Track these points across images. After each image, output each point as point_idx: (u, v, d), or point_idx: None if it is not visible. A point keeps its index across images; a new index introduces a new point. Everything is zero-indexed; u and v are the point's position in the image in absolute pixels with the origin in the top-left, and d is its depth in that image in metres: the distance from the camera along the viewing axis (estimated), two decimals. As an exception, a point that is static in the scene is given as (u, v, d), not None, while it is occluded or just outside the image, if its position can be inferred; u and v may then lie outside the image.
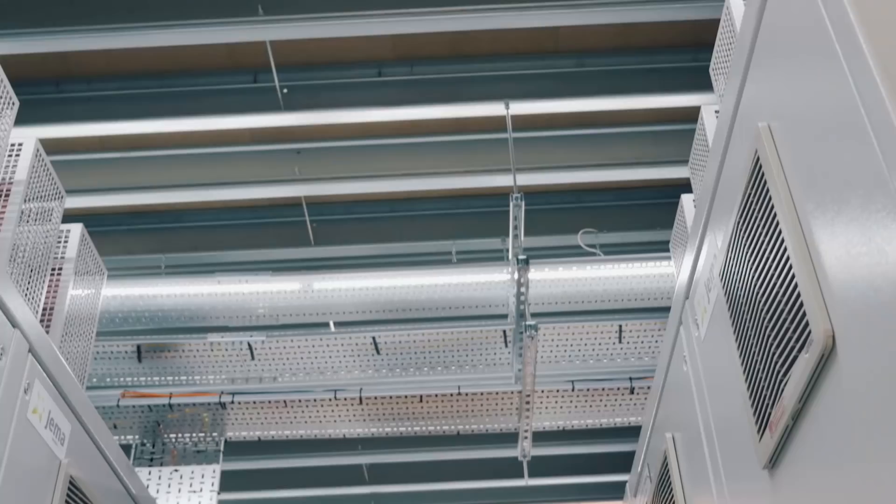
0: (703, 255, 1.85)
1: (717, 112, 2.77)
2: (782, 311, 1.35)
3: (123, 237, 5.20)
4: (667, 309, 2.55)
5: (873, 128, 1.08)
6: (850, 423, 1.17)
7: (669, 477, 2.17)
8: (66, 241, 2.87)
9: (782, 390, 1.36)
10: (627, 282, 4.76)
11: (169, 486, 4.82)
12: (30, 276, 2.50)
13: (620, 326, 4.94)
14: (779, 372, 1.37)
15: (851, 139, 1.13)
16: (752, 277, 1.47)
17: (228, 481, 5.92)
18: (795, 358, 1.30)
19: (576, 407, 5.13)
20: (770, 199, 1.39)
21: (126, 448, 5.03)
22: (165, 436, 5.02)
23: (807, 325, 1.26)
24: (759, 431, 1.48)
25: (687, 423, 2.02)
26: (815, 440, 1.29)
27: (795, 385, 1.30)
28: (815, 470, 1.30)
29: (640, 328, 4.92)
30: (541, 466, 6.24)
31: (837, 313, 1.19)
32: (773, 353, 1.39)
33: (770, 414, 1.42)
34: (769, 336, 1.41)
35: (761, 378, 1.46)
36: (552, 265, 4.77)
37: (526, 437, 5.16)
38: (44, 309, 2.66)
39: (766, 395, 1.44)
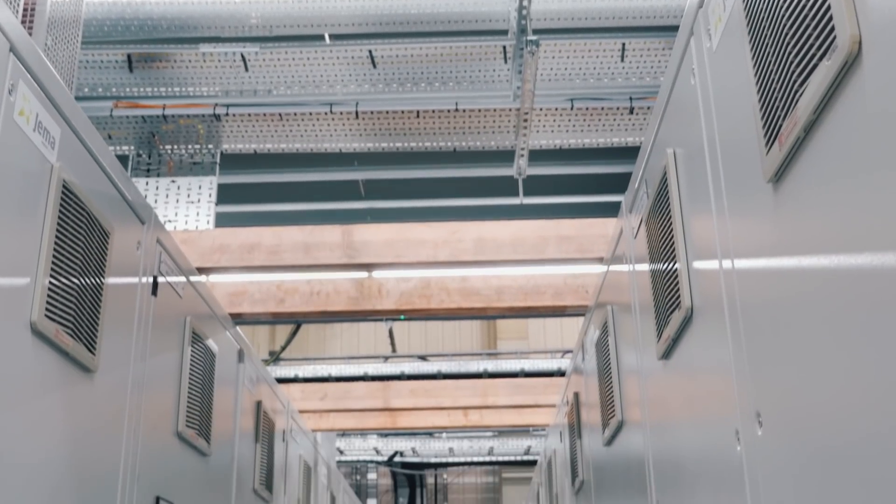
0: (721, -40, 1.74)
1: None
2: (806, 15, 1.26)
3: (106, -61, 4.93)
4: (672, 28, 2.45)
5: None
6: (867, 138, 1.12)
7: (668, 192, 2.16)
8: (42, -63, 2.69)
9: (797, 101, 1.30)
10: (634, -3, 4.58)
11: (167, 196, 4.86)
12: (6, -26, 2.37)
13: (623, 45, 4.82)
14: (795, 82, 1.31)
15: None
16: (776, -19, 1.38)
17: (226, 194, 6.00)
18: (815, 66, 1.24)
19: (574, 126, 5.10)
20: None
21: (123, 159, 5.04)
22: (161, 147, 5.01)
23: (832, 30, 1.18)
24: (767, 144, 1.44)
25: (690, 138, 1.98)
26: (826, 154, 1.25)
27: (812, 95, 1.24)
28: (822, 184, 1.27)
29: (643, 47, 4.79)
30: (536, 185, 6.31)
31: (867, 19, 1.11)
32: (792, 62, 1.32)
33: (781, 126, 1.37)
34: (789, 44, 1.33)
35: (775, 88, 1.39)
36: (557, -22, 4.57)
37: (522, 156, 5.17)
38: (24, 10, 2.55)
39: (778, 107, 1.38)
